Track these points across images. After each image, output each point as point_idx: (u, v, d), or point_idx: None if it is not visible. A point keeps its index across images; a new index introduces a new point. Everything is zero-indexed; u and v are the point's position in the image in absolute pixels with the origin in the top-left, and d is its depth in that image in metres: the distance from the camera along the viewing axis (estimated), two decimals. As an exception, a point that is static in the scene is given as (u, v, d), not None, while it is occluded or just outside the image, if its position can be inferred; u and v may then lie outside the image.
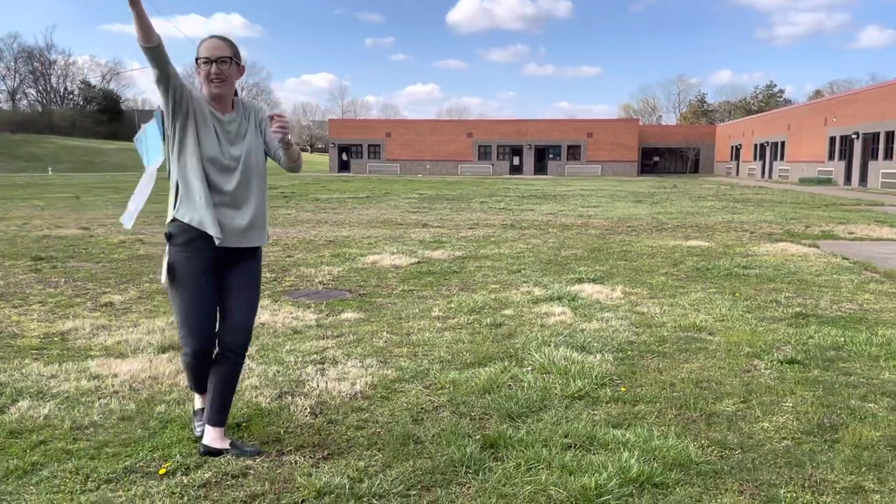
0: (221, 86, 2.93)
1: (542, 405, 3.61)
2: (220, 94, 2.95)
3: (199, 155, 2.92)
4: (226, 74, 2.92)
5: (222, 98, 2.97)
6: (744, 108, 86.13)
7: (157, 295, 6.49)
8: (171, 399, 3.69)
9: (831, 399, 3.69)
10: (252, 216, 3.03)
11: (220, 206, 2.96)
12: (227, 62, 2.92)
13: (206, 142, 2.93)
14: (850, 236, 11.39)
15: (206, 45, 2.91)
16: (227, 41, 2.96)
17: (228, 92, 2.98)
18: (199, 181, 2.91)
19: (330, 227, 13.00)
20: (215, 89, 2.93)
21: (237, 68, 2.98)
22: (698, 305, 6.02)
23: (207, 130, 2.93)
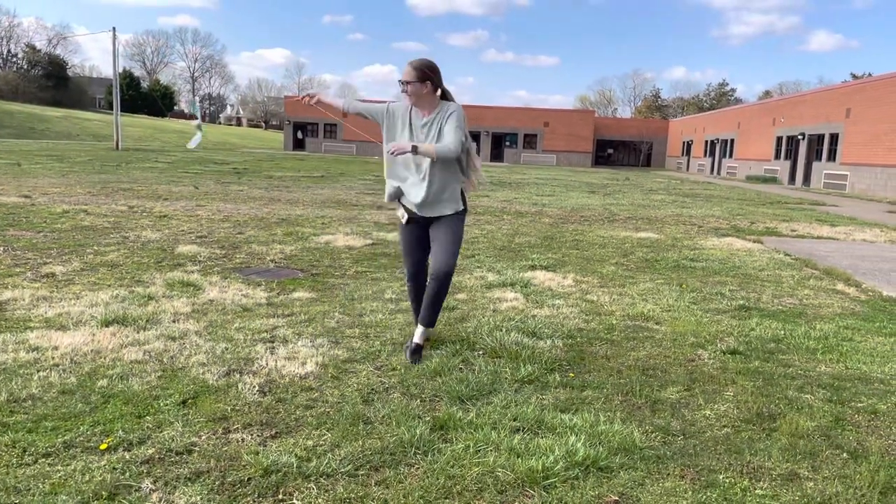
0: (412, 98, 3.99)
1: (492, 389, 3.64)
2: (415, 102, 4.01)
3: None
4: (411, 91, 3.95)
5: (418, 105, 4.02)
6: (696, 104, 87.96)
7: (101, 267, 6.31)
8: (114, 374, 3.59)
9: (770, 389, 3.81)
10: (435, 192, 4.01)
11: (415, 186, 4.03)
12: (412, 83, 3.93)
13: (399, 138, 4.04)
14: (792, 234, 11.76)
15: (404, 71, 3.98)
16: (413, 67, 3.94)
17: (421, 101, 3.99)
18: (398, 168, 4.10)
19: (283, 205, 12.82)
20: (408, 101, 4.03)
21: (421, 85, 3.94)
22: (646, 295, 6.14)
23: (404, 131, 4.05)
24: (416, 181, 4.03)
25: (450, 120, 3.92)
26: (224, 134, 76.71)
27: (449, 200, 4.06)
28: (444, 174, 4.01)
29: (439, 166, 3.96)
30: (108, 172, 19.27)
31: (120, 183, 15.86)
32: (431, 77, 3.95)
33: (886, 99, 27.63)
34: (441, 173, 3.99)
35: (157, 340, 4.18)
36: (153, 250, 7.31)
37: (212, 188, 15.69)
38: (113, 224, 9.12)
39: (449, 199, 4.06)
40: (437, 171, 3.98)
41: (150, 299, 5.18)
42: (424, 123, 3.99)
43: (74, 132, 54.30)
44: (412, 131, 4.01)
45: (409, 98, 3.98)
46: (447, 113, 3.96)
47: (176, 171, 21.18)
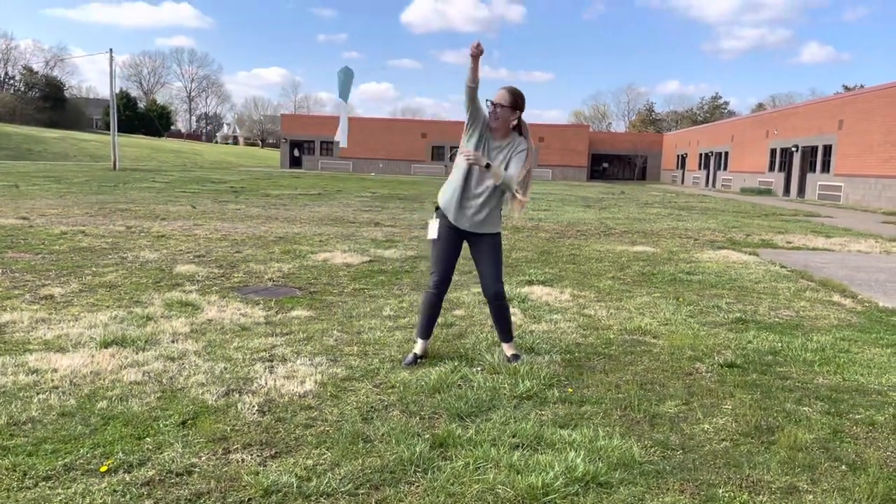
0: (496, 122, 4.17)
1: (492, 405, 3.65)
2: (497, 126, 4.19)
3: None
4: (499, 115, 4.14)
5: (499, 129, 4.20)
6: (690, 118, 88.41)
7: (99, 288, 6.32)
8: (114, 395, 3.60)
9: (768, 402, 3.83)
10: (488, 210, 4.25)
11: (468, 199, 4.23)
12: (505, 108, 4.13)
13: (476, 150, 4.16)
14: (788, 245, 11.81)
15: (497, 94, 4.19)
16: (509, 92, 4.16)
17: (502, 126, 4.18)
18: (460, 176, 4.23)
19: (280, 223, 12.85)
20: (492, 123, 4.19)
21: (511, 112, 4.15)
22: (643, 309, 6.16)
23: (481, 144, 4.18)
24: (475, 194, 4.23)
25: (520, 155, 4.17)
26: (221, 153, 76.89)
27: (494, 220, 4.33)
28: (494, 198, 4.25)
29: (494, 190, 4.20)
30: (105, 193, 19.30)
31: (117, 203, 15.88)
32: (522, 107, 4.20)
33: (878, 110, 27.83)
34: (493, 197, 4.24)
35: (156, 361, 4.18)
36: (151, 270, 7.32)
37: (209, 207, 15.72)
38: (111, 245, 9.13)
39: (494, 219, 4.33)
40: (496, 192, 4.22)
41: (149, 320, 5.18)
42: (498, 146, 4.22)
43: (72, 153, 54.40)
44: (487, 149, 4.20)
45: (494, 120, 4.16)
46: (519, 147, 4.21)
47: (173, 191, 21.22)
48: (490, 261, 4.36)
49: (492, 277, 4.36)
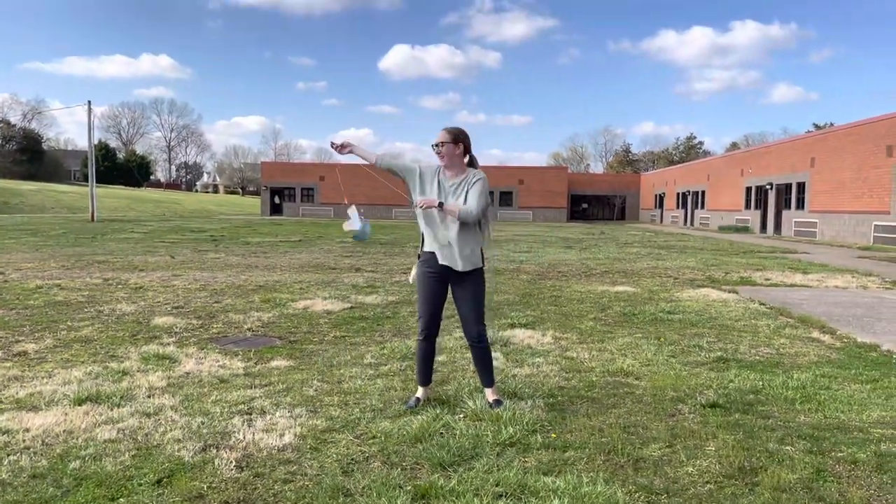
0: (445, 160, 4.36)
1: (474, 453, 3.60)
2: (447, 164, 4.37)
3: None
4: (444, 152, 4.33)
5: (449, 166, 4.37)
6: (666, 158, 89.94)
7: (74, 343, 6.21)
8: (87, 454, 3.51)
9: (751, 442, 3.81)
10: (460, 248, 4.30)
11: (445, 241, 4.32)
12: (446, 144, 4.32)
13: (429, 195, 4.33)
14: (766, 282, 11.92)
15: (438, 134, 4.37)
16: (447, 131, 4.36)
17: (452, 163, 4.36)
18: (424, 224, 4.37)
19: (260, 271, 12.77)
20: (442, 162, 4.38)
21: (454, 147, 4.32)
22: (625, 350, 6.16)
23: (433, 189, 4.34)
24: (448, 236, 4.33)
25: (475, 186, 4.31)
26: (201, 201, 76.75)
27: (472, 257, 4.37)
28: (468, 233, 4.34)
29: (463, 225, 4.30)
30: (82, 245, 19.13)
31: (95, 255, 15.73)
32: (463, 140, 4.37)
33: (848, 148, 28.50)
34: (464, 232, 4.32)
35: (132, 417, 4.10)
36: (128, 323, 7.23)
37: (188, 257, 15.62)
38: (87, 298, 9.02)
39: (472, 255, 4.37)
40: (462, 229, 4.31)
41: (125, 374, 5.09)
42: (452, 185, 4.35)
43: (49, 205, 54.00)
44: (442, 190, 4.33)
45: (443, 159, 4.35)
46: (473, 179, 4.34)
47: (152, 241, 21.09)
48: (472, 301, 4.39)
49: (473, 318, 4.40)
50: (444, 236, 4.32)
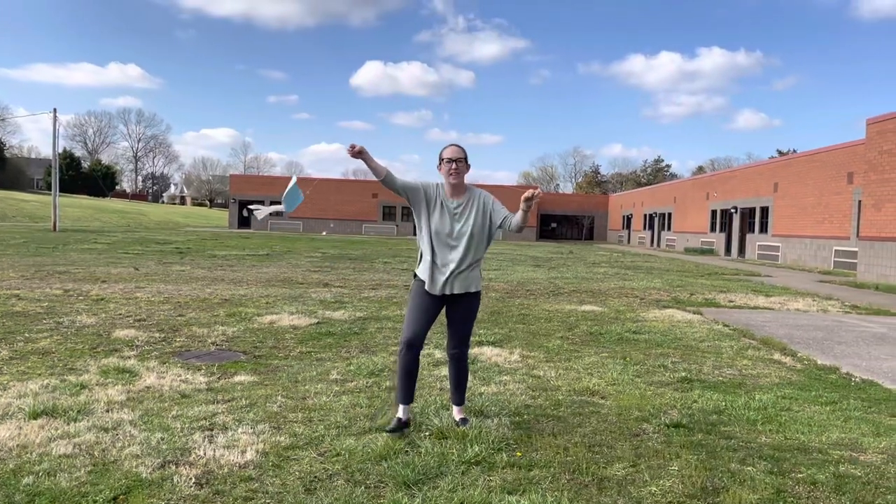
0: (457, 178, 4.20)
1: (439, 472, 3.57)
2: (456, 183, 4.20)
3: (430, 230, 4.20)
4: (460, 170, 4.20)
5: (457, 185, 4.21)
6: (634, 180, 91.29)
7: (31, 355, 6.05)
8: (41, 470, 3.41)
9: (713, 462, 3.85)
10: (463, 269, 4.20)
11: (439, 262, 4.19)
12: (463, 162, 4.20)
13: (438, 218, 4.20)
14: (730, 304, 12.11)
15: (449, 150, 4.22)
16: (460, 148, 4.23)
17: (460, 182, 4.22)
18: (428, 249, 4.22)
19: (226, 285, 12.61)
20: (453, 180, 4.20)
21: (466, 166, 4.23)
22: (592, 369, 6.19)
23: (439, 211, 4.20)
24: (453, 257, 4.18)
25: (494, 202, 4.26)
26: (167, 213, 75.69)
27: (475, 279, 4.28)
28: (473, 254, 4.22)
29: (475, 245, 4.20)
30: (43, 255, 18.71)
31: (56, 265, 15.40)
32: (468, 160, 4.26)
33: (810, 174, 29.21)
34: (470, 253, 4.20)
35: (89, 432, 3.99)
36: (88, 336, 7.06)
37: (152, 269, 15.37)
38: (46, 309, 8.80)
39: (472, 278, 4.26)
40: (472, 249, 4.20)
41: (83, 388, 4.97)
42: (458, 206, 4.20)
43: (10, 214, 52.75)
44: (446, 212, 4.19)
45: (455, 177, 4.17)
46: (481, 197, 4.25)
47: (115, 252, 20.71)
48: (464, 321, 4.31)
49: (460, 336, 4.32)
50: (447, 258, 4.18)
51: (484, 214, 4.22)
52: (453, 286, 4.19)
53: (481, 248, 4.27)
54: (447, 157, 4.18)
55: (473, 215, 4.19)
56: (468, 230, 4.18)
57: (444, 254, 4.18)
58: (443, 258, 4.18)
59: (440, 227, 4.19)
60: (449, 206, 4.19)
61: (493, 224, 4.25)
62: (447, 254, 4.18)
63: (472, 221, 4.18)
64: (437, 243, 4.18)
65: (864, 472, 3.77)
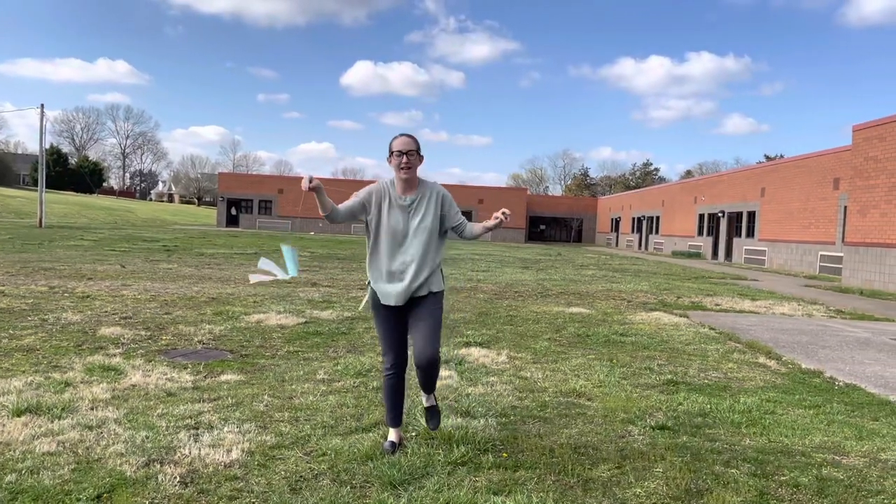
0: (408, 173, 3.81)
1: (425, 472, 3.58)
2: (408, 178, 3.82)
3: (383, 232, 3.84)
4: (412, 163, 3.81)
5: (409, 181, 3.83)
6: (623, 183, 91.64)
7: (15, 352, 6.00)
8: (24, 467, 3.38)
9: (698, 465, 3.87)
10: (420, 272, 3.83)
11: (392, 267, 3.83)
12: (415, 154, 3.82)
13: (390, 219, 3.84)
14: (716, 308, 12.18)
15: (399, 141, 3.81)
16: (413, 139, 3.83)
17: (412, 176, 3.83)
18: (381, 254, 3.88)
19: (214, 283, 12.55)
20: (404, 175, 3.81)
21: (419, 158, 3.85)
22: (578, 371, 6.21)
23: (392, 211, 3.83)
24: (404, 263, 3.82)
25: (451, 203, 3.90)
26: (155, 210, 75.26)
27: (436, 278, 3.92)
28: (431, 253, 3.86)
29: (433, 242, 3.86)
30: (29, 251, 18.56)
31: (41, 262, 15.27)
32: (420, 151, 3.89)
33: (797, 179, 29.44)
34: (427, 252, 3.84)
35: (73, 430, 3.97)
36: (73, 333, 7.02)
37: (139, 267, 15.28)
38: (31, 306, 8.73)
39: (432, 279, 3.89)
40: (430, 247, 3.85)
41: (68, 386, 4.93)
42: (410, 203, 3.84)
43: (-5, 208, 52.29)
44: (400, 210, 3.83)
45: (407, 171, 3.79)
46: (437, 193, 3.88)
47: (102, 249, 20.57)
48: (428, 323, 3.85)
49: (426, 340, 3.82)
50: (405, 258, 3.81)
51: (438, 210, 3.87)
52: (413, 290, 3.82)
53: (441, 245, 3.94)
54: (397, 148, 3.78)
55: (430, 210, 3.85)
56: (426, 226, 3.83)
57: (400, 255, 3.83)
58: (399, 260, 3.82)
59: (394, 226, 3.83)
60: (402, 203, 3.84)
61: (446, 224, 3.92)
62: (403, 254, 3.82)
63: (430, 217, 3.84)
64: (391, 245, 3.82)
65: (846, 475, 3.81)
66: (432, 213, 3.84)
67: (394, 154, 3.79)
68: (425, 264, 3.83)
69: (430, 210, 3.84)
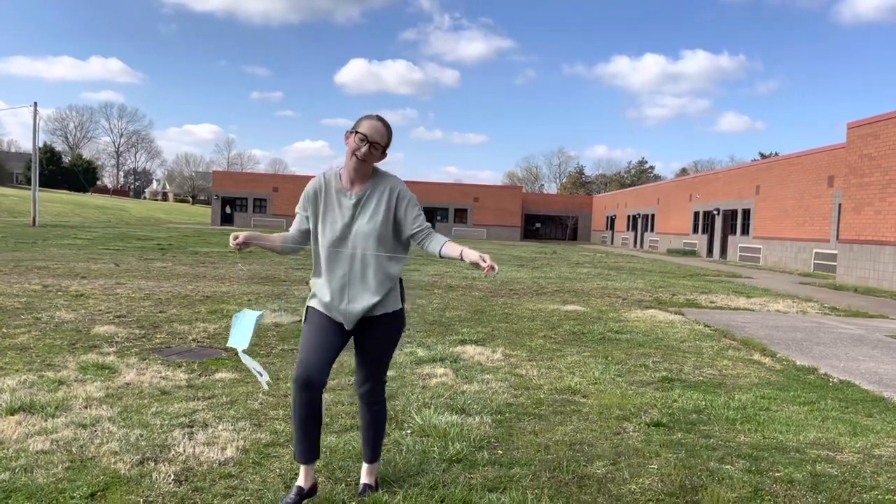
0: (361, 166, 3.06)
1: (420, 469, 3.57)
2: (362, 171, 3.08)
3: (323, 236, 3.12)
4: (367, 157, 3.04)
5: (358, 174, 3.09)
6: (618, 181, 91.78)
7: (9, 351, 5.98)
8: (17, 466, 3.37)
9: (693, 461, 3.88)
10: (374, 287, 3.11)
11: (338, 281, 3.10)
12: (382, 148, 3.08)
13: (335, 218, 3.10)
14: (711, 305, 12.21)
15: (370, 124, 3.05)
16: (387, 128, 3.10)
17: (366, 170, 3.10)
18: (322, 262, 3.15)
19: (208, 282, 12.52)
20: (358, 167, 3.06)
21: (383, 155, 3.12)
22: (574, 368, 6.22)
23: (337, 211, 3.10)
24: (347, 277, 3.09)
25: (410, 205, 3.11)
26: (149, 209, 75.05)
27: (392, 296, 3.16)
28: (388, 265, 3.10)
29: (385, 249, 3.10)
30: (22, 250, 18.49)
31: (35, 261, 15.22)
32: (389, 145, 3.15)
33: (792, 177, 29.52)
34: (385, 263, 3.10)
35: (67, 428, 3.95)
36: (67, 332, 6.99)
37: (133, 265, 15.23)
38: (25, 304, 8.70)
39: (392, 293, 3.16)
40: (381, 262, 3.08)
41: (61, 384, 4.92)
42: (358, 198, 3.07)
43: (-12, 207, 52.07)
44: (342, 208, 3.09)
45: (360, 163, 3.03)
46: (392, 189, 3.10)
47: (96, 248, 20.51)
48: (377, 350, 3.20)
49: (373, 370, 3.22)
50: (350, 270, 3.07)
51: (392, 211, 3.09)
52: (359, 313, 3.08)
53: (398, 253, 3.16)
54: (365, 132, 3.01)
55: (382, 209, 3.07)
56: (374, 229, 3.05)
57: (342, 265, 3.07)
58: (341, 272, 3.07)
59: (335, 229, 3.07)
60: (346, 199, 3.08)
61: (403, 229, 3.12)
62: (346, 265, 3.07)
63: (380, 217, 3.06)
64: (333, 250, 3.08)
65: (840, 471, 3.82)
66: (383, 212, 3.07)
67: (356, 135, 3.02)
68: (373, 278, 3.05)
69: (382, 209, 3.07)
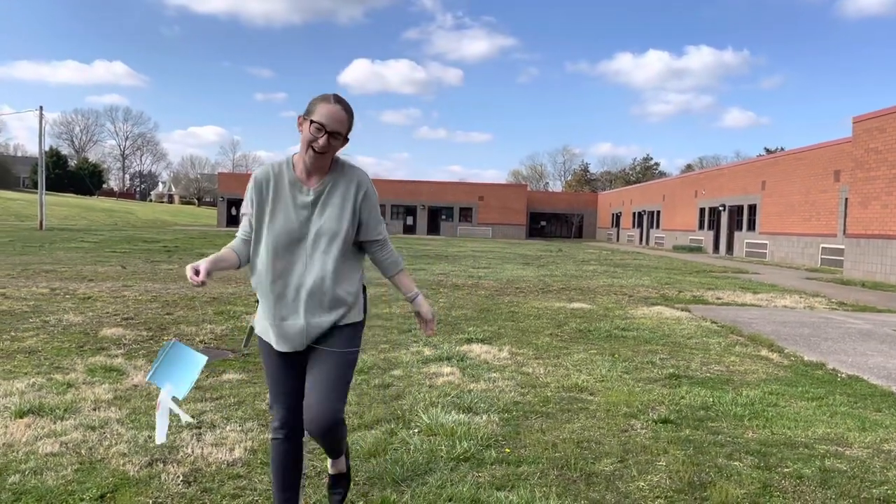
0: (319, 160, 2.60)
1: (428, 468, 3.58)
2: (319, 165, 2.61)
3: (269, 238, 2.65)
4: (326, 147, 2.56)
5: (316, 167, 2.62)
6: (623, 178, 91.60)
7: (18, 354, 6.01)
8: (27, 468, 3.39)
9: (701, 458, 3.87)
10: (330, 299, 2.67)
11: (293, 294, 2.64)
12: (340, 137, 2.60)
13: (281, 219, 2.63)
14: (718, 301, 12.18)
15: (328, 110, 2.57)
16: (348, 113, 2.62)
17: (324, 164, 2.63)
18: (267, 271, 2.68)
19: (215, 283, 12.55)
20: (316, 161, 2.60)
21: (344, 143, 2.65)
22: (580, 366, 6.21)
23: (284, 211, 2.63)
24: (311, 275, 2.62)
25: (375, 207, 2.72)
26: (155, 211, 75.28)
27: (353, 305, 2.71)
28: (346, 272, 2.68)
29: (346, 250, 2.66)
30: (30, 254, 18.57)
31: (42, 264, 15.28)
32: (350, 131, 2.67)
33: (798, 172, 29.41)
34: (348, 262, 2.69)
35: (76, 431, 3.97)
36: (75, 334, 7.02)
37: (140, 268, 15.29)
38: (33, 308, 8.74)
39: (354, 303, 2.71)
40: (341, 257, 2.65)
41: (70, 387, 4.94)
42: (314, 194, 2.62)
43: (-5, 211, 52.31)
44: (296, 205, 2.63)
45: (317, 157, 2.58)
46: (360, 187, 2.67)
47: (102, 251, 20.59)
48: (330, 368, 2.64)
49: (324, 394, 2.61)
50: (303, 277, 2.61)
51: (357, 211, 2.67)
52: (315, 329, 2.63)
53: (358, 256, 2.76)
54: (322, 120, 2.54)
55: (347, 207, 2.64)
56: (333, 229, 2.62)
57: (296, 271, 2.61)
58: (294, 279, 2.61)
59: (285, 229, 2.61)
60: (301, 193, 2.62)
61: (361, 232, 2.71)
62: (300, 270, 2.61)
63: (346, 216, 2.63)
64: (282, 256, 2.62)
65: (849, 466, 3.81)
66: (349, 211, 2.64)
67: (312, 123, 2.55)
68: (331, 283, 2.62)
69: (348, 206, 2.64)
